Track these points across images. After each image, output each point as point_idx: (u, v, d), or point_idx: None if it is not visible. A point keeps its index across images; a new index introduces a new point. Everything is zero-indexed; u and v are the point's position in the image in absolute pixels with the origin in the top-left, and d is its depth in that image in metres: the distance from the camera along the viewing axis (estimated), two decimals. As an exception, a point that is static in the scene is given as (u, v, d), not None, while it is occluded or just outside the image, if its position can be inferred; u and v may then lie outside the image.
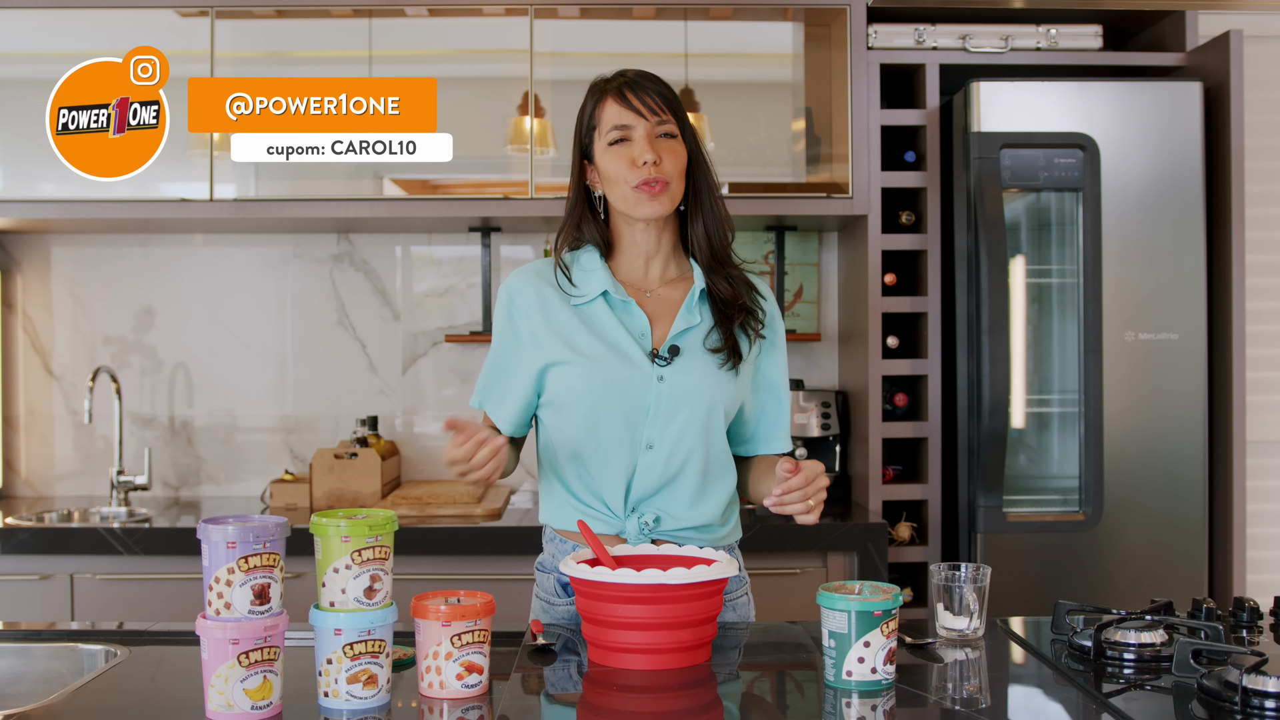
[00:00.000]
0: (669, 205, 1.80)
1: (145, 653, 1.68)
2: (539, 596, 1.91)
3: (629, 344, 1.80)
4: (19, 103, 3.14)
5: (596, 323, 1.82)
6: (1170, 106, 2.95)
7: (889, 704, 1.43)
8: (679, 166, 1.81)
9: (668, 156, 1.79)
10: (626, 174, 1.78)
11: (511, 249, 3.55)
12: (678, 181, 1.81)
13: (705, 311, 1.85)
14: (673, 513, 1.81)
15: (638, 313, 1.83)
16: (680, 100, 1.85)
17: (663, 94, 1.81)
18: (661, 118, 1.80)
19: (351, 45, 3.15)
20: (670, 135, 1.81)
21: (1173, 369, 2.94)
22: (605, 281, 1.83)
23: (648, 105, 1.79)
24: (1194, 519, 2.94)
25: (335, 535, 1.39)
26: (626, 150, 1.79)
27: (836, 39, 3.13)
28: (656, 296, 1.86)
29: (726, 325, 1.83)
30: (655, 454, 1.79)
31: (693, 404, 1.79)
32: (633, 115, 1.79)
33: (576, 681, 1.56)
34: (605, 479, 1.81)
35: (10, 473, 3.53)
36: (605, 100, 1.82)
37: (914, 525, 3.14)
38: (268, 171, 3.16)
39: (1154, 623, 1.63)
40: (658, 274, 1.87)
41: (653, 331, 1.82)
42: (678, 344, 1.81)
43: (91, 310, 3.54)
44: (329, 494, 3.17)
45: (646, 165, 1.77)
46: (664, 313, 1.85)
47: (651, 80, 1.83)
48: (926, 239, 3.13)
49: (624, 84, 1.81)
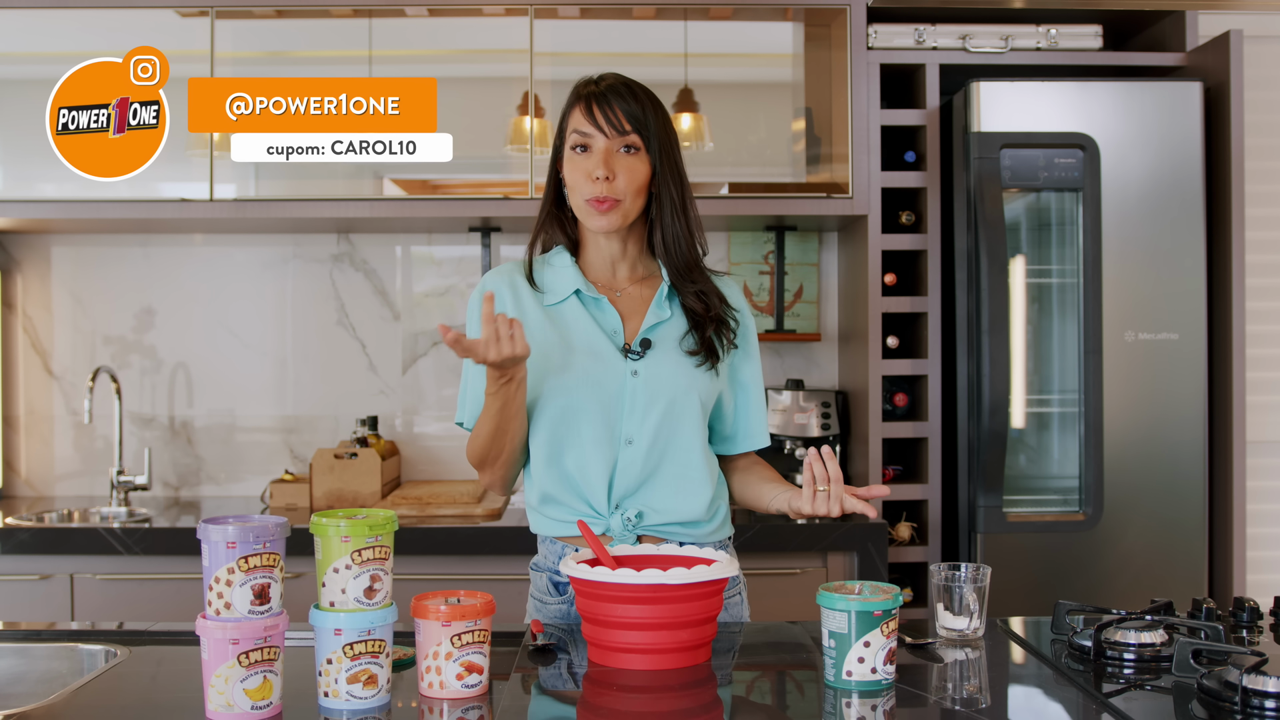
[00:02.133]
0: (618, 222, 1.81)
1: (145, 653, 1.68)
2: (533, 596, 1.92)
3: (602, 341, 1.82)
4: (19, 103, 3.14)
5: (569, 321, 1.84)
6: (1170, 106, 2.95)
7: (889, 704, 1.43)
8: (635, 184, 1.80)
9: (623, 174, 1.79)
10: (581, 185, 1.81)
11: (511, 249, 3.55)
12: (632, 198, 1.81)
13: (675, 306, 1.87)
14: (656, 507, 1.82)
15: (609, 309, 1.85)
16: (654, 112, 1.83)
17: (629, 110, 1.80)
18: (622, 134, 1.79)
19: (351, 45, 3.15)
20: (631, 149, 1.80)
21: (1173, 369, 2.94)
22: (576, 280, 1.86)
23: (609, 120, 1.79)
24: (1194, 519, 2.94)
25: (335, 535, 1.39)
26: (584, 161, 1.80)
27: (836, 39, 3.13)
28: (626, 294, 1.89)
29: (700, 332, 1.85)
30: (635, 449, 1.80)
31: (668, 395, 1.81)
32: (593, 128, 1.79)
33: (576, 681, 1.56)
34: (587, 477, 1.81)
35: (10, 473, 3.53)
36: (575, 107, 1.83)
37: (914, 525, 3.14)
38: (268, 171, 3.16)
39: (1154, 623, 1.63)
40: (626, 274, 1.90)
41: (625, 327, 1.85)
42: (649, 337, 1.84)
43: (91, 310, 3.54)
44: (329, 494, 3.17)
45: (598, 181, 1.78)
46: (635, 309, 1.87)
47: (623, 93, 1.81)
48: (926, 239, 3.13)
49: (594, 94, 1.81)
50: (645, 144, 1.81)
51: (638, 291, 1.89)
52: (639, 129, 1.80)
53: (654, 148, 1.82)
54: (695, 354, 1.83)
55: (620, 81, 1.84)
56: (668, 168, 1.83)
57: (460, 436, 3.46)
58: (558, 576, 1.86)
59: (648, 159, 1.82)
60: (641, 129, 1.80)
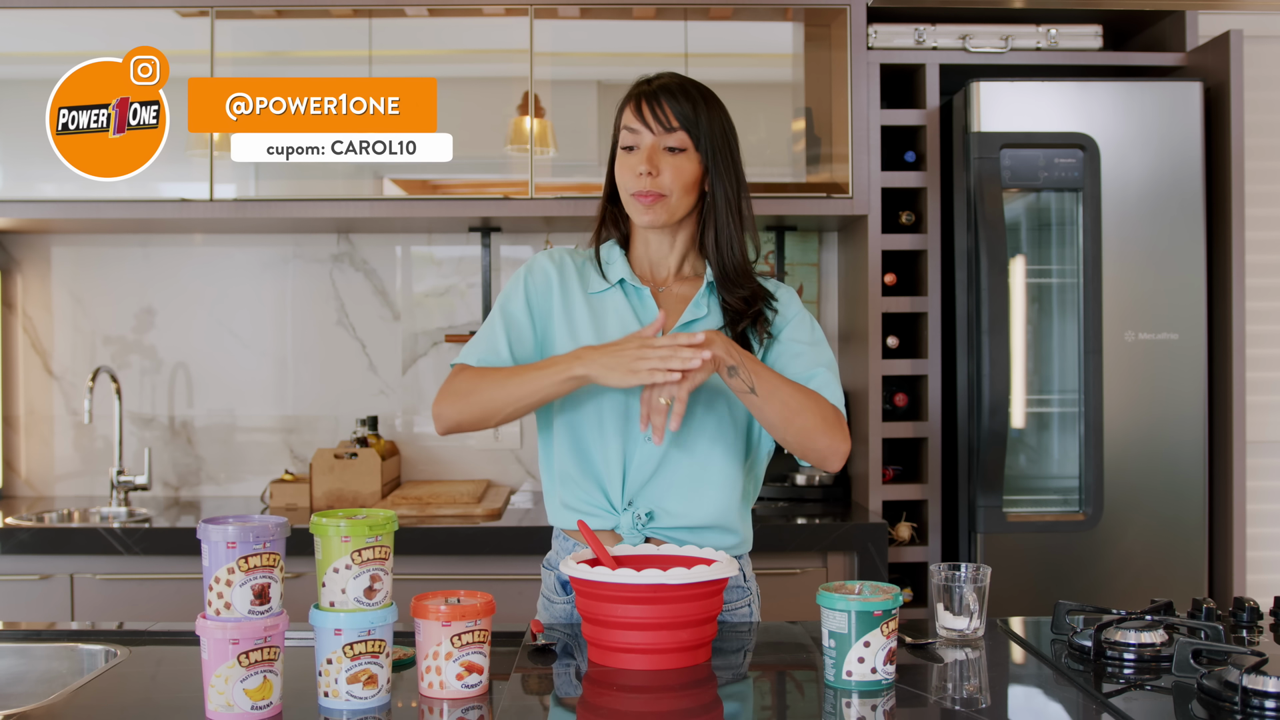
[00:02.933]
0: (663, 217, 1.82)
1: (145, 653, 1.68)
2: (543, 594, 1.92)
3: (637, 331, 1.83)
4: (19, 103, 3.14)
5: (608, 311, 1.86)
6: (1170, 106, 2.95)
7: (889, 704, 1.43)
8: (683, 180, 1.81)
9: (669, 170, 1.80)
10: (628, 182, 1.83)
11: (511, 249, 3.55)
12: (680, 195, 1.81)
13: (714, 305, 1.87)
14: (667, 508, 1.81)
15: (650, 302, 1.86)
16: (706, 110, 1.83)
17: (678, 108, 1.81)
18: (668, 131, 1.80)
19: (351, 45, 3.15)
20: (677, 149, 1.81)
21: (1173, 369, 2.94)
22: (623, 271, 1.87)
23: (656, 118, 1.80)
24: (1194, 519, 2.94)
25: (335, 535, 1.39)
26: (632, 159, 1.82)
27: (836, 39, 3.13)
28: (669, 291, 1.90)
29: (734, 325, 1.84)
30: (652, 443, 1.79)
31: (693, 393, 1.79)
32: (640, 125, 1.81)
33: (576, 682, 1.56)
34: (606, 463, 1.81)
35: (10, 473, 3.53)
36: (628, 105, 1.85)
37: (914, 525, 3.14)
38: (268, 171, 3.16)
39: (1154, 623, 1.63)
40: (673, 270, 1.91)
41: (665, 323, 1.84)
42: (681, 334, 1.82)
43: (91, 310, 3.54)
44: (329, 494, 3.17)
45: (641, 176, 1.80)
46: (676, 306, 1.88)
47: (675, 91, 1.82)
48: (926, 239, 3.13)
49: (644, 92, 1.83)
50: (695, 142, 1.81)
51: (681, 289, 1.90)
52: (687, 127, 1.81)
53: (704, 146, 1.82)
54: None
55: (674, 80, 1.85)
56: (722, 167, 1.83)
57: (460, 436, 3.46)
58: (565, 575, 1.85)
59: (697, 157, 1.82)
60: (690, 127, 1.81)
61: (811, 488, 3.30)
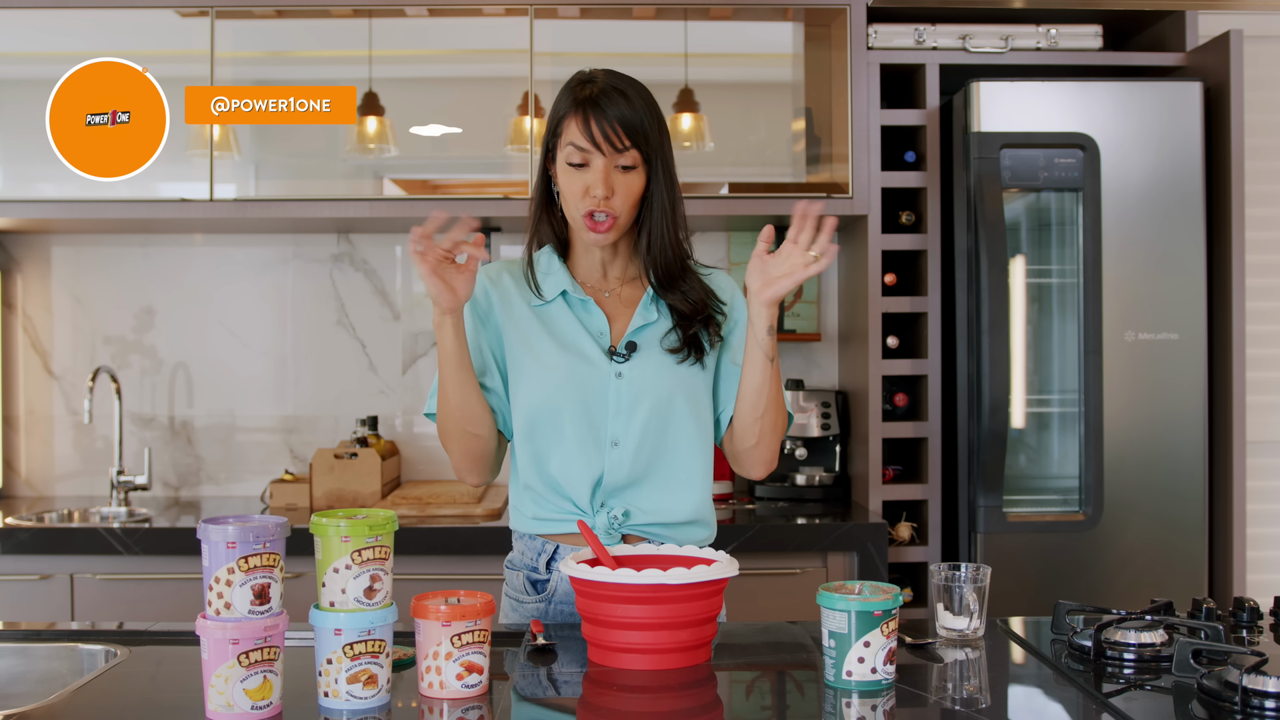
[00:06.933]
0: (615, 236, 1.80)
1: (145, 653, 1.68)
2: (508, 595, 1.91)
3: (587, 343, 1.82)
4: (19, 103, 3.14)
5: (555, 323, 1.83)
6: (1170, 106, 2.95)
7: (889, 704, 1.43)
8: (632, 198, 1.78)
9: (621, 190, 1.76)
10: (578, 200, 1.77)
11: (511, 249, 3.55)
12: (628, 213, 1.79)
13: (663, 307, 1.85)
14: (643, 507, 1.81)
15: (596, 311, 1.84)
16: (649, 116, 1.78)
17: (628, 121, 1.74)
18: (619, 152, 1.75)
19: (352, 45, 3.15)
20: (629, 167, 1.76)
21: (1173, 369, 2.94)
22: (564, 281, 1.84)
23: (608, 137, 1.74)
24: (1194, 519, 2.94)
25: (335, 535, 1.39)
26: (582, 177, 1.76)
27: (836, 39, 3.13)
28: (615, 295, 1.87)
29: (684, 329, 1.83)
30: (622, 451, 1.79)
31: (653, 397, 1.79)
32: (590, 144, 1.74)
33: (577, 682, 1.56)
34: (570, 478, 1.80)
35: (10, 473, 3.53)
36: (571, 116, 1.76)
37: (914, 525, 3.14)
38: (268, 171, 3.16)
39: (1154, 623, 1.63)
40: (616, 276, 1.88)
41: (611, 329, 1.84)
42: (635, 340, 1.82)
43: (91, 310, 3.54)
44: (329, 494, 3.16)
45: (596, 199, 1.75)
46: (622, 311, 1.86)
47: (619, 101, 1.75)
48: (926, 239, 3.13)
49: (589, 102, 1.75)
50: (644, 158, 1.77)
51: (627, 292, 1.88)
52: (638, 144, 1.76)
53: (652, 156, 1.78)
54: (677, 351, 1.81)
55: (614, 86, 1.77)
56: (663, 174, 1.80)
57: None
58: (535, 575, 1.85)
59: (644, 171, 1.79)
60: (641, 144, 1.76)
61: (811, 488, 3.30)
